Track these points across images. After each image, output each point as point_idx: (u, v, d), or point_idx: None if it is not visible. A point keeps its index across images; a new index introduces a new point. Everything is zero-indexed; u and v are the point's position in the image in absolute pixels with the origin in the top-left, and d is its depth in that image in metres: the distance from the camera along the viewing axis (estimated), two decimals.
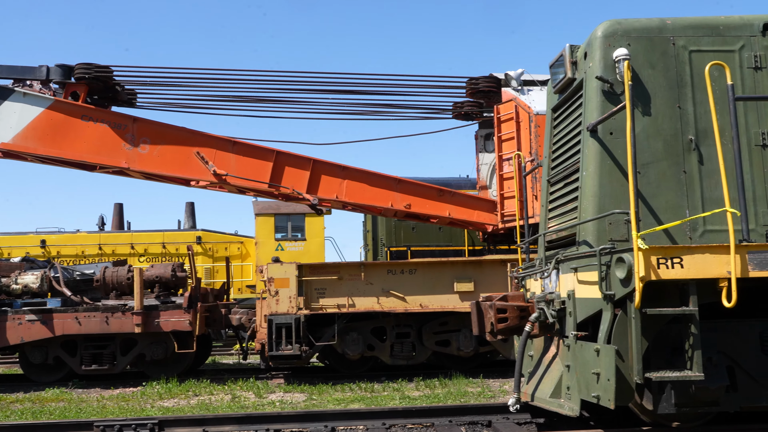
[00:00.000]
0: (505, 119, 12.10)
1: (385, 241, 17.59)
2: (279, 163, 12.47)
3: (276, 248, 18.77)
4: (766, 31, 6.11)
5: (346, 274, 11.85)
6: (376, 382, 11.48)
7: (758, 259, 5.02)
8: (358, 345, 12.11)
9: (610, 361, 5.09)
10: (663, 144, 5.86)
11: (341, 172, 12.64)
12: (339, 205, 13.18)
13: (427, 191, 12.83)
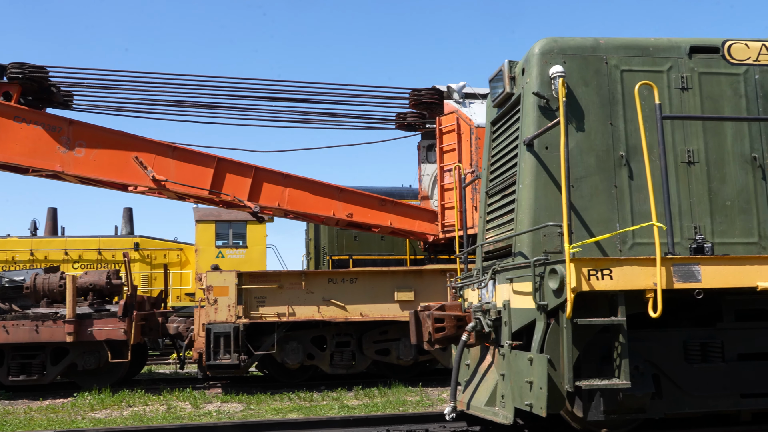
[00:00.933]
0: (446, 131, 12.27)
1: (327, 249, 17.56)
2: (220, 169, 12.32)
3: (216, 256, 18.51)
4: (693, 53, 6.40)
5: (287, 282, 11.79)
6: (315, 392, 11.43)
7: (682, 272, 5.24)
8: (298, 354, 12.04)
9: (542, 370, 5.22)
10: (595, 159, 6.06)
11: (283, 180, 12.58)
12: (281, 213, 13.11)
13: (369, 201, 12.89)
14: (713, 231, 6.13)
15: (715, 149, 6.25)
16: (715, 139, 6.26)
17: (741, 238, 6.15)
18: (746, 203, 6.20)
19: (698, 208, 6.14)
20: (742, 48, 6.47)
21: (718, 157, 6.24)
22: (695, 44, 6.41)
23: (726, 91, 6.37)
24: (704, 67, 6.38)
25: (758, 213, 6.19)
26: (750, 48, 6.48)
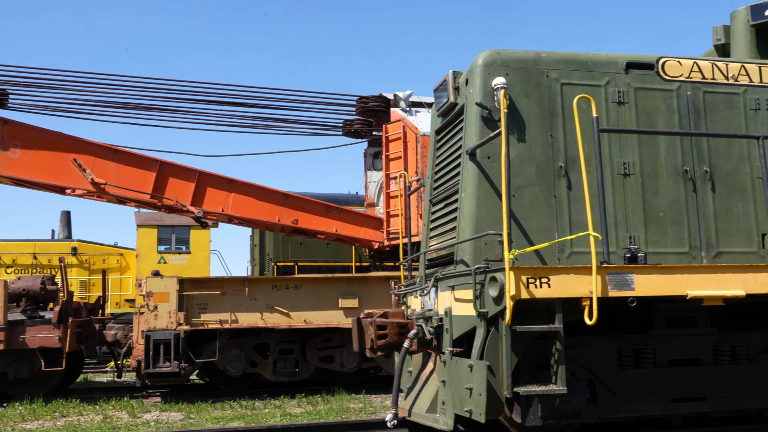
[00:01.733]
0: (393, 139, 12.35)
1: (273, 255, 17.40)
2: (163, 173, 12.08)
3: (158, 261, 18.13)
4: (629, 69, 6.62)
5: (230, 289, 11.63)
6: (257, 400, 11.29)
7: (617, 280, 5.40)
8: (240, 361, 11.88)
9: (481, 376, 5.29)
10: (536, 169, 6.20)
11: (228, 185, 12.42)
12: (225, 219, 12.93)
13: (314, 207, 12.85)
14: (647, 241, 6.34)
15: (649, 162, 6.47)
16: (650, 152, 6.49)
17: (673, 248, 6.38)
18: (678, 214, 6.43)
19: (633, 218, 6.34)
20: (675, 65, 6.72)
21: (652, 169, 6.46)
22: (631, 60, 6.63)
23: (660, 106, 6.61)
24: (640, 82, 6.61)
25: (689, 224, 6.43)
26: (683, 65, 6.74)
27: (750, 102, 6.82)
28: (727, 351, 6.14)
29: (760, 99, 6.84)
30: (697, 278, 5.56)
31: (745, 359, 6.18)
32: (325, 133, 14.84)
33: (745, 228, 6.56)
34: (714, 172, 6.58)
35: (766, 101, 6.86)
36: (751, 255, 6.51)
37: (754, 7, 7.71)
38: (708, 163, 6.58)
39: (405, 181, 8.87)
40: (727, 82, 6.82)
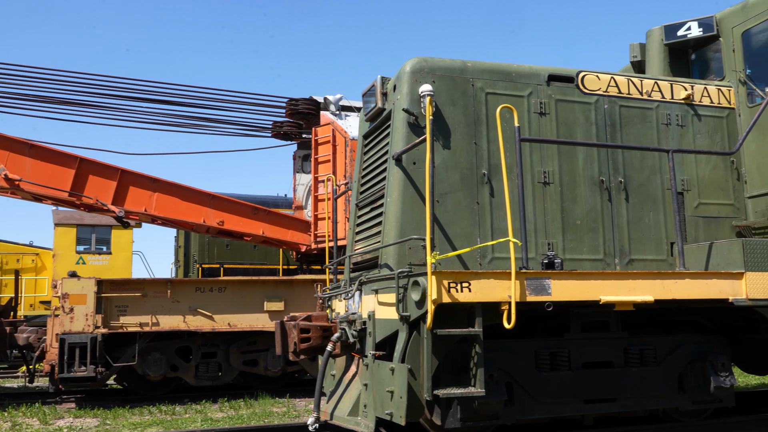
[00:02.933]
0: (322, 142, 12.33)
1: (197, 257, 17.06)
2: (82, 170, 11.67)
3: (77, 262, 17.48)
4: (551, 81, 6.85)
5: (151, 291, 11.32)
6: (178, 404, 11.03)
7: (534, 285, 5.56)
8: (161, 365, 11.58)
9: (403, 379, 5.34)
10: (460, 176, 6.32)
11: (151, 185, 12.10)
12: (148, 219, 12.59)
13: (241, 209, 12.68)
14: (564, 247, 6.56)
15: (568, 171, 6.71)
16: (569, 162, 6.72)
17: (588, 255, 6.63)
18: (594, 222, 6.69)
19: (552, 225, 6.55)
20: (593, 79, 7.00)
21: (571, 178, 6.70)
22: (553, 73, 6.86)
23: (579, 118, 6.86)
24: (560, 94, 6.84)
25: (604, 232, 6.70)
26: (600, 80, 7.02)
27: (662, 117, 7.17)
28: (636, 354, 6.42)
29: (671, 114, 7.20)
30: (609, 284, 5.79)
31: (653, 362, 6.47)
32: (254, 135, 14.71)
33: (655, 236, 6.88)
34: (628, 182, 6.87)
35: (677, 117, 7.22)
36: (660, 262, 6.84)
37: (668, 27, 8.11)
38: (622, 174, 6.88)
39: (333, 185, 8.88)
40: (642, 98, 7.15)
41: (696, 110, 7.33)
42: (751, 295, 6.18)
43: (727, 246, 6.38)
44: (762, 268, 6.25)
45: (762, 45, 7.38)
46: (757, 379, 12.58)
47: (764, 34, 7.34)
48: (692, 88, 7.34)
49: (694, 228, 7.07)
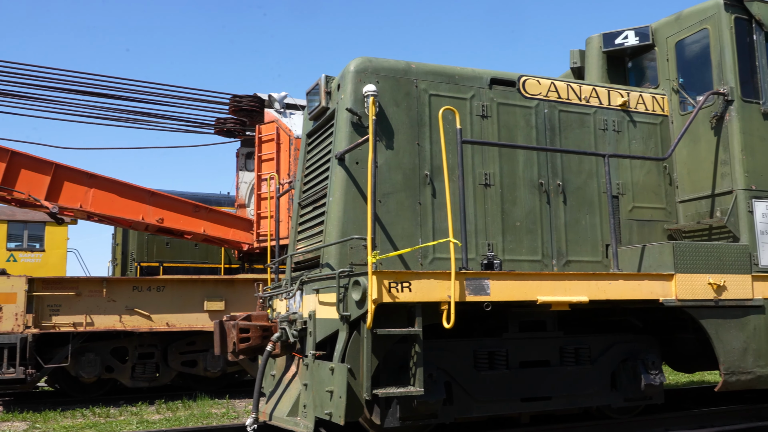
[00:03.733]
0: (266, 140, 12.20)
1: (136, 255, 16.65)
2: (14, 164, 11.22)
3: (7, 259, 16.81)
4: (493, 85, 6.95)
5: (86, 289, 10.98)
6: (113, 407, 10.74)
7: (474, 286, 5.63)
8: (95, 367, 11.25)
9: (342, 379, 5.33)
10: (402, 177, 6.35)
11: (88, 180, 11.73)
12: (83, 215, 12.20)
13: (182, 206, 12.42)
14: (504, 249, 6.67)
15: (508, 174, 6.82)
16: (509, 164, 6.83)
17: (527, 256, 6.75)
18: (533, 224, 6.82)
19: (492, 227, 6.65)
20: (534, 84, 7.13)
21: (511, 181, 6.81)
22: (495, 76, 6.96)
23: (520, 122, 6.98)
24: (502, 98, 6.95)
25: (542, 234, 6.83)
26: (541, 84, 7.17)
27: (599, 122, 7.36)
28: (571, 353, 6.58)
29: (608, 120, 7.40)
30: (546, 285, 5.92)
31: (587, 361, 6.65)
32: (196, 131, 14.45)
33: (591, 238, 7.06)
34: (566, 186, 7.03)
35: (614, 122, 7.43)
36: (596, 264, 7.02)
37: (606, 35, 8.34)
38: (561, 177, 7.03)
39: (276, 183, 8.80)
40: (580, 103, 7.32)
41: (632, 116, 7.55)
42: (680, 296, 6.41)
43: (658, 248, 6.60)
44: (691, 270, 6.49)
45: (694, 55, 7.66)
46: (686, 377, 13.06)
47: (696, 44, 7.63)
48: (628, 95, 7.57)
49: (628, 231, 7.29)
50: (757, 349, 6.73)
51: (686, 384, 11.99)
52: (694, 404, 8.51)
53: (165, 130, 14.32)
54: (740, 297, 6.71)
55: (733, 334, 6.64)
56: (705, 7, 7.46)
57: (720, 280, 6.59)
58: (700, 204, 7.39)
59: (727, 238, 7.08)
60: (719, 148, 7.23)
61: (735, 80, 7.15)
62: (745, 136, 7.10)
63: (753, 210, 6.99)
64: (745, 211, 6.96)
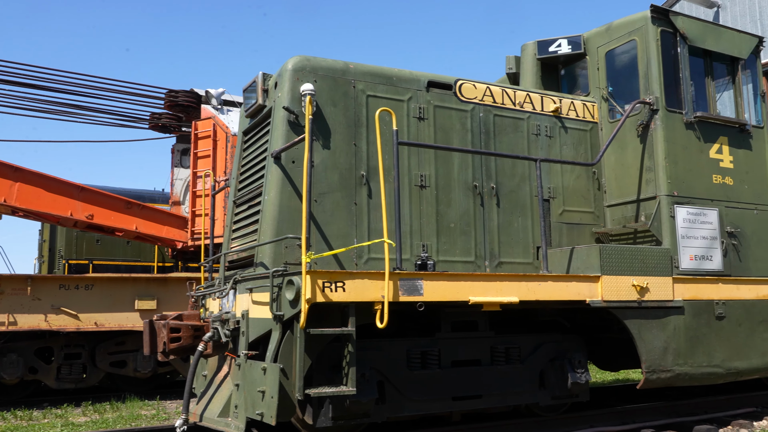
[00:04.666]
0: (202, 136, 11.99)
1: (64, 253, 16.08)
2: None
3: None
4: (430, 87, 7.03)
5: (8, 288, 10.53)
6: (36, 409, 10.36)
7: (407, 286, 5.69)
8: (18, 368, 10.81)
9: (274, 379, 5.30)
10: (339, 177, 6.36)
11: (13, 174, 11.27)
12: (7, 210, 11.71)
13: (113, 202, 12.07)
14: (438, 249, 6.76)
15: (443, 176, 6.92)
16: (445, 166, 6.93)
17: (461, 257, 6.87)
18: (467, 226, 6.94)
19: (427, 228, 6.73)
20: (470, 88, 7.26)
21: (446, 183, 6.91)
22: (432, 79, 7.05)
23: (456, 125, 7.09)
24: (439, 101, 7.04)
25: (476, 235, 6.96)
26: (477, 89, 7.30)
27: (532, 127, 7.55)
28: (502, 353, 6.72)
29: (541, 125, 7.59)
30: (478, 285, 6.03)
31: (517, 360, 6.81)
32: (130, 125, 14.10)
33: (523, 241, 7.24)
34: (499, 188, 7.18)
35: (546, 128, 7.63)
36: (527, 265, 7.20)
37: (541, 42, 8.55)
38: (495, 180, 7.18)
39: (212, 181, 8.67)
40: (515, 108, 7.49)
41: (563, 123, 7.78)
42: (606, 297, 6.64)
43: (586, 251, 6.82)
44: (616, 272, 6.73)
45: (623, 65, 7.94)
46: (612, 375, 13.51)
47: (625, 55, 7.91)
48: (560, 102, 7.79)
49: (558, 233, 7.50)
50: (676, 348, 7.03)
51: (612, 382, 12.41)
52: (619, 401, 8.81)
53: (97, 123, 13.93)
54: (662, 298, 7.00)
55: (654, 334, 6.92)
56: (634, 19, 7.75)
57: (643, 282, 6.86)
58: (626, 208, 7.68)
59: (650, 241, 7.37)
60: (645, 155, 7.52)
61: (660, 90, 7.46)
62: (668, 144, 7.41)
63: (675, 215, 7.30)
64: (667, 216, 7.27)
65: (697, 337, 7.21)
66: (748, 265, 7.83)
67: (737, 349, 7.52)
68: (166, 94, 12.61)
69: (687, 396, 8.94)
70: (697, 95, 7.88)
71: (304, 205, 5.41)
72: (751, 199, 8.01)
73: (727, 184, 7.83)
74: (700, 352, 7.22)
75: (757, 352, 7.70)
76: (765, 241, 8.04)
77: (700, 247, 7.45)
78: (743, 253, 7.81)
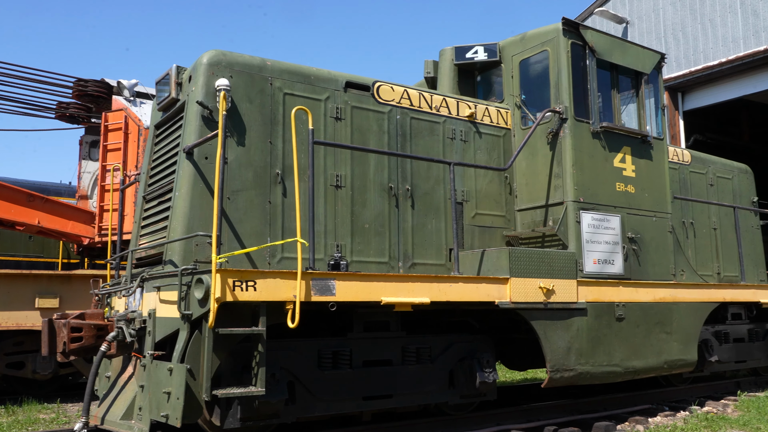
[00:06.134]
0: (113, 128, 11.55)
1: None
2: None
3: None
4: (348, 88, 7.04)
5: None
6: None
7: (320, 286, 5.68)
8: None
9: (181, 379, 5.17)
10: (253, 174, 6.27)
11: None
12: None
13: (14, 195, 11.42)
14: (353, 250, 6.78)
15: (359, 176, 6.94)
16: (361, 167, 6.96)
17: (375, 258, 6.91)
18: (381, 227, 6.99)
19: (341, 228, 6.74)
20: (388, 90, 7.32)
21: (362, 183, 6.94)
22: (350, 80, 7.06)
23: (373, 126, 7.13)
24: (357, 101, 7.07)
25: (390, 236, 7.02)
26: (395, 91, 7.36)
27: (448, 131, 7.69)
28: (413, 352, 6.80)
29: (456, 130, 7.75)
30: (391, 286, 6.08)
31: (428, 360, 6.90)
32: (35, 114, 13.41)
33: (436, 242, 7.36)
34: (414, 190, 7.28)
35: (461, 132, 7.79)
36: (439, 267, 7.32)
37: (458, 48, 8.72)
38: (410, 183, 7.26)
39: (121, 174, 8.38)
40: (431, 112, 7.61)
41: (478, 128, 7.96)
42: (514, 298, 6.84)
43: (496, 254, 7.00)
44: (524, 275, 6.94)
45: (536, 74, 8.21)
46: (521, 375, 13.93)
47: (538, 64, 8.18)
48: (475, 107, 7.97)
49: (470, 236, 7.67)
50: (579, 348, 7.32)
51: (520, 381, 12.79)
52: (525, 400, 9.09)
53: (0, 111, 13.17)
54: (566, 300, 7.27)
55: (559, 335, 7.18)
56: (546, 30, 8.02)
57: (549, 285, 7.11)
58: (535, 213, 7.93)
59: (557, 245, 7.64)
60: (554, 162, 7.80)
61: (569, 100, 7.75)
62: (576, 152, 7.71)
63: (580, 220, 7.60)
64: (573, 221, 7.56)
65: (599, 337, 7.53)
66: (646, 270, 8.25)
67: (635, 349, 7.91)
68: (74, 83, 12.07)
69: (589, 394, 9.32)
70: (604, 106, 8.23)
71: (216, 201, 5.30)
72: (651, 206, 8.45)
73: (629, 192, 8.23)
74: (601, 351, 7.54)
75: (653, 352, 8.12)
76: (662, 247, 8.49)
77: (603, 252, 7.79)
78: (642, 258, 8.22)
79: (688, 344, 8.55)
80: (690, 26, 17.35)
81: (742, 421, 7.88)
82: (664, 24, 17.88)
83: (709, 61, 16.87)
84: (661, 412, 8.49)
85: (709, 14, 16.98)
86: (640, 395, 9.25)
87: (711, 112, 19.34)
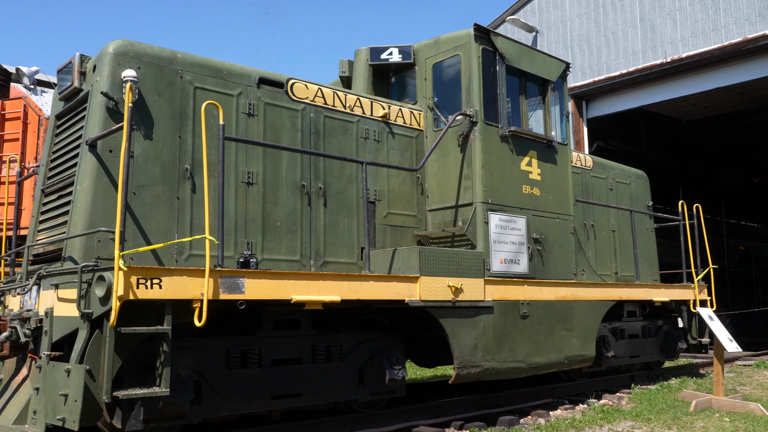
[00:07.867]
0: (11, 117, 10.95)
1: None
2: None
3: None
4: (261, 84, 6.97)
5: None
6: None
7: (228, 284, 5.59)
8: None
9: (79, 381, 4.97)
10: (161, 169, 6.11)
11: None
12: None
13: None
14: (264, 248, 6.72)
15: (272, 174, 6.88)
16: (273, 164, 6.90)
17: (286, 256, 6.87)
18: (293, 225, 6.96)
19: (252, 225, 6.66)
20: (302, 88, 7.29)
21: (274, 181, 6.88)
22: (263, 76, 6.99)
23: (286, 123, 7.09)
24: (270, 98, 7.00)
25: (302, 234, 7.00)
26: (309, 89, 7.35)
27: (361, 131, 7.75)
28: (323, 351, 6.80)
29: (370, 129, 7.81)
30: (301, 284, 6.06)
31: (338, 358, 6.93)
32: None
33: (348, 241, 7.39)
34: (327, 189, 7.28)
35: (375, 132, 7.86)
36: (351, 265, 7.36)
37: (374, 49, 8.79)
38: (323, 181, 7.27)
39: (18, 167, 7.96)
40: (345, 111, 7.64)
41: (391, 128, 8.05)
42: (424, 297, 6.97)
43: (407, 252, 7.11)
44: (433, 273, 7.08)
45: (449, 78, 8.39)
46: (431, 372, 14.17)
47: (451, 68, 8.36)
48: (389, 108, 8.06)
49: (382, 235, 7.75)
50: (485, 345, 7.54)
51: (430, 378, 13.01)
52: (434, 396, 9.26)
53: None
54: (474, 298, 7.47)
55: (466, 332, 7.37)
56: (459, 35, 8.21)
57: (458, 283, 7.28)
58: (446, 213, 8.11)
59: (466, 245, 7.84)
60: (464, 163, 7.99)
61: (479, 104, 7.97)
62: (485, 155, 7.93)
63: (488, 221, 7.83)
64: (482, 221, 7.77)
65: (504, 334, 7.78)
66: (549, 269, 8.59)
67: (538, 345, 8.22)
68: None
69: (495, 389, 9.60)
70: (512, 111, 8.51)
71: (120, 196, 5.12)
72: (555, 209, 8.80)
73: (535, 195, 8.54)
74: (506, 348, 7.80)
75: (555, 348, 8.46)
76: (564, 248, 8.86)
77: (510, 252, 8.05)
78: (546, 258, 8.55)
79: (587, 340, 8.97)
80: (594, 38, 18.17)
81: (635, 412, 8.34)
82: (571, 35, 18.65)
83: (611, 72, 17.72)
84: (562, 405, 8.85)
85: (612, 28, 17.85)
86: (543, 390, 9.61)
87: (613, 121, 20.32)
